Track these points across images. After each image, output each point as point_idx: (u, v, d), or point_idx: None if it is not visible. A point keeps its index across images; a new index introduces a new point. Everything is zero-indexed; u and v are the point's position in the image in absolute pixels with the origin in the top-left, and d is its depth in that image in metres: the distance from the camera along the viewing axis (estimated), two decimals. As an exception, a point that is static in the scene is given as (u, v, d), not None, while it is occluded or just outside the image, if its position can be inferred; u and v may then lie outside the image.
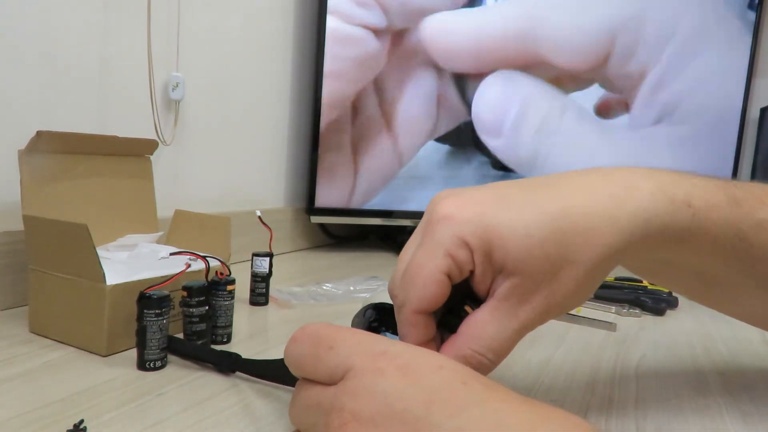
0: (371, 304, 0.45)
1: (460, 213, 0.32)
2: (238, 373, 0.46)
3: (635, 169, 0.36)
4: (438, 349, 0.33)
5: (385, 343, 0.28)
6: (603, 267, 0.33)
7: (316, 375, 0.29)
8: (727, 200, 0.37)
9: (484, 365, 0.32)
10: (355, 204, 1.08)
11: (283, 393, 0.43)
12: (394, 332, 0.40)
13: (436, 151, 1.13)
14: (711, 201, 0.36)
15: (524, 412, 0.25)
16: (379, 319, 0.43)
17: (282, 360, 0.43)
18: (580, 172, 0.36)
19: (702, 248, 0.37)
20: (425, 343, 0.33)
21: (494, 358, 0.32)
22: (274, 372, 0.44)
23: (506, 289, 0.32)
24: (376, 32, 1.03)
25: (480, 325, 0.32)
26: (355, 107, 1.05)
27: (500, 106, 1.09)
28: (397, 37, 1.05)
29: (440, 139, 1.13)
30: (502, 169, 1.19)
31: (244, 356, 0.46)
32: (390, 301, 0.46)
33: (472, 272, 0.33)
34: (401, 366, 0.26)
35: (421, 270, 0.32)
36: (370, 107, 1.06)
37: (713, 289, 0.43)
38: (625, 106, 1.17)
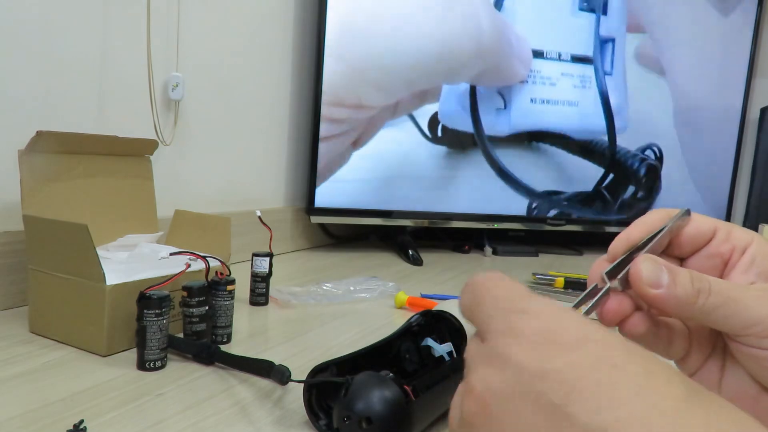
0: (426, 310, 0.46)
1: None
2: (236, 373, 0.46)
3: None
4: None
5: (528, 300, 0.24)
6: None
7: (476, 329, 0.26)
8: None
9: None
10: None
11: (282, 396, 0.43)
12: (437, 340, 0.40)
13: (434, 152, 1.13)
14: None
15: (691, 420, 0.20)
16: (425, 324, 0.43)
17: (254, 359, 0.45)
18: None
19: None
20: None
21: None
22: (246, 366, 0.46)
23: None
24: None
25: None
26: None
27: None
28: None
29: (438, 141, 1.13)
30: (500, 171, 1.19)
31: (243, 356, 0.46)
32: (445, 310, 0.46)
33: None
34: (540, 330, 0.22)
35: None
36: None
37: None
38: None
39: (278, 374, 0.42)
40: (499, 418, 0.22)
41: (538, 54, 1.18)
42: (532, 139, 1.22)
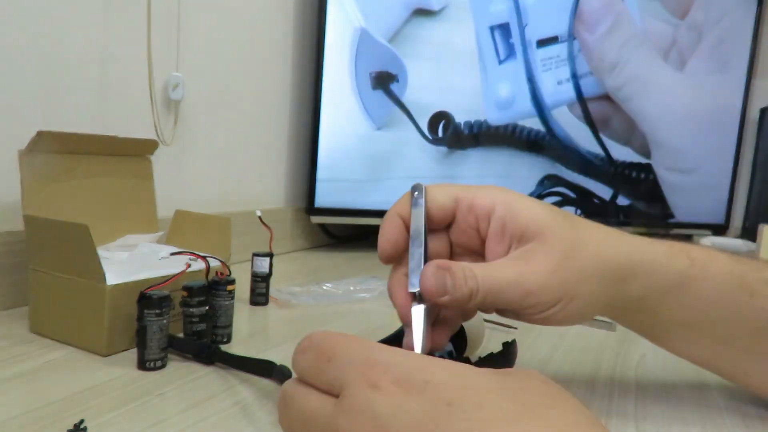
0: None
1: None
2: (237, 373, 0.46)
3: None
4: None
5: (377, 351, 0.27)
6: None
7: (321, 386, 0.28)
8: (729, 257, 0.39)
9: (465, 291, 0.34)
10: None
11: (283, 393, 0.43)
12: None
13: (433, 152, 1.13)
14: (712, 254, 0.39)
15: (517, 428, 0.24)
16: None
17: (257, 360, 0.45)
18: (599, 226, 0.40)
19: (703, 296, 0.38)
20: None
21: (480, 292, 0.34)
22: (248, 367, 0.46)
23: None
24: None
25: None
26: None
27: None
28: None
29: (437, 141, 1.13)
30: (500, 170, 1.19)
31: (244, 356, 0.46)
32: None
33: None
34: (393, 380, 0.26)
35: None
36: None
37: (725, 352, 0.42)
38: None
39: (279, 374, 0.42)
40: None
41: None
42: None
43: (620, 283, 0.38)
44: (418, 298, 0.35)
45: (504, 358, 0.41)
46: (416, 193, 0.37)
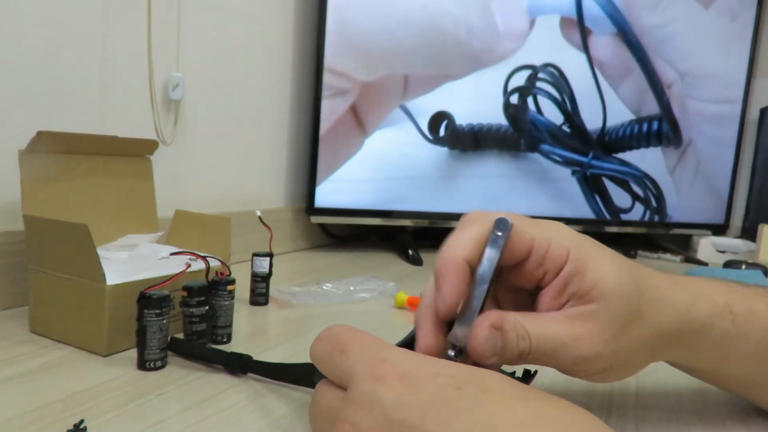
0: None
1: None
2: (237, 373, 0.46)
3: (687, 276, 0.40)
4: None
5: (387, 350, 0.29)
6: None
7: (332, 377, 0.30)
8: (766, 308, 0.39)
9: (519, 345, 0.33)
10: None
11: (282, 395, 0.43)
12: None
13: (434, 152, 1.13)
14: (752, 306, 0.39)
15: (517, 412, 0.25)
16: None
17: (296, 365, 0.44)
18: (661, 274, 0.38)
19: (739, 352, 0.39)
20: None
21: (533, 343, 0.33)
22: (287, 374, 0.44)
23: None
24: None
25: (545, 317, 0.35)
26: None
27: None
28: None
29: (438, 142, 1.13)
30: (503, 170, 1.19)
31: (281, 363, 0.45)
32: None
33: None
34: (399, 374, 0.27)
35: None
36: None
37: (757, 390, 0.42)
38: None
39: (321, 375, 0.40)
40: None
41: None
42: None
43: (666, 348, 0.38)
44: (456, 350, 0.31)
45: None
46: (499, 232, 0.32)
